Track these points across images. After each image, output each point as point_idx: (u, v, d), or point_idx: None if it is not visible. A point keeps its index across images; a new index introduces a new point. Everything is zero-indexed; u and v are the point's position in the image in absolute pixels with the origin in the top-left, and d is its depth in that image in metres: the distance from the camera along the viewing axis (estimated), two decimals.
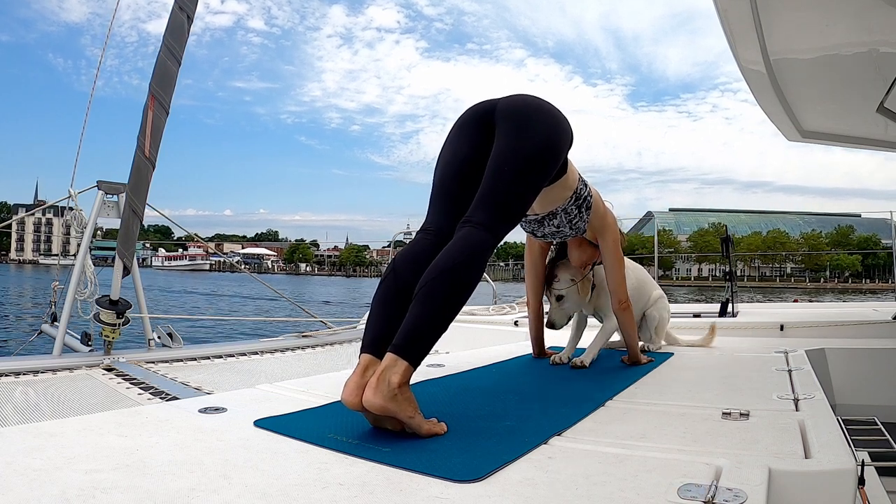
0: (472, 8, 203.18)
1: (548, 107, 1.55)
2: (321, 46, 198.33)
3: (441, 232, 1.43)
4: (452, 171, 1.52)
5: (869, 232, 68.15)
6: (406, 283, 1.30)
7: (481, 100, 1.63)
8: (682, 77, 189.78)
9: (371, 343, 1.27)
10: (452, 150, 1.56)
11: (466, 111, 1.62)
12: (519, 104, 1.53)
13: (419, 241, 1.44)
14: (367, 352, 1.26)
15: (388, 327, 1.25)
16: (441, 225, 1.45)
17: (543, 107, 1.54)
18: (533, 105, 1.53)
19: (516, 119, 1.48)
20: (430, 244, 1.40)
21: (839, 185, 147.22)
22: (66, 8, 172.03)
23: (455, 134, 1.58)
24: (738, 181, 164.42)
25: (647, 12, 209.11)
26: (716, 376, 1.90)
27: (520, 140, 1.45)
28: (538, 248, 2.30)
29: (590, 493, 0.85)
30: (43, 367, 2.94)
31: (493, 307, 4.89)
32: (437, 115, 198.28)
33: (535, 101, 1.55)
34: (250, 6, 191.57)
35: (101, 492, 0.82)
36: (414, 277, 1.28)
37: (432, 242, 1.41)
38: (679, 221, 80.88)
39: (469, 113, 1.60)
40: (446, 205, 1.49)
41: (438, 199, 1.52)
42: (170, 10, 3.40)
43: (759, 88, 2.85)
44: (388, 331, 1.24)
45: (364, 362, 1.23)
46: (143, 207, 3.48)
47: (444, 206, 1.50)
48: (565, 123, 1.56)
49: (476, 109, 1.59)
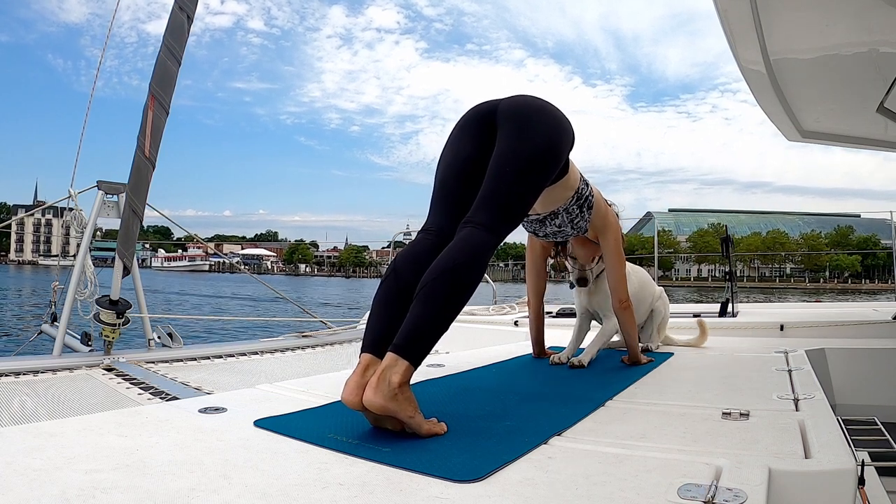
0: (472, 8, 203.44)
1: (549, 108, 1.55)
2: (321, 47, 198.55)
3: (442, 232, 1.43)
4: (454, 172, 1.52)
5: (868, 232, 68.22)
6: (407, 283, 1.30)
7: (483, 100, 1.62)
8: (681, 77, 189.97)
9: (372, 343, 1.26)
10: (454, 150, 1.56)
11: (468, 112, 1.61)
12: (521, 105, 1.53)
13: (420, 242, 1.44)
14: (367, 351, 1.26)
15: (389, 327, 1.25)
16: (442, 225, 1.45)
17: (545, 108, 1.54)
18: (534, 106, 1.53)
19: (518, 120, 1.48)
20: (431, 245, 1.40)
21: (839, 185, 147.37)
22: (66, 8, 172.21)
23: (456, 134, 1.58)
24: (738, 182, 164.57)
25: (646, 13, 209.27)
26: (716, 376, 1.90)
27: (521, 141, 1.45)
28: (539, 247, 2.31)
29: (590, 493, 0.85)
30: (43, 367, 2.93)
31: (493, 307, 4.90)
32: (436, 116, 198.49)
33: (537, 102, 1.55)
34: (250, 7, 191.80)
35: (101, 492, 0.82)
36: (415, 277, 1.28)
37: (433, 243, 1.41)
38: (678, 222, 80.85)
39: (471, 113, 1.60)
40: (447, 205, 1.49)
41: (440, 200, 1.51)
42: (169, 11, 3.40)
43: (759, 88, 2.85)
44: (388, 331, 1.24)
45: (364, 362, 1.23)
46: (143, 207, 3.48)
47: (445, 206, 1.50)
48: (567, 124, 1.56)
49: (478, 110, 1.59)
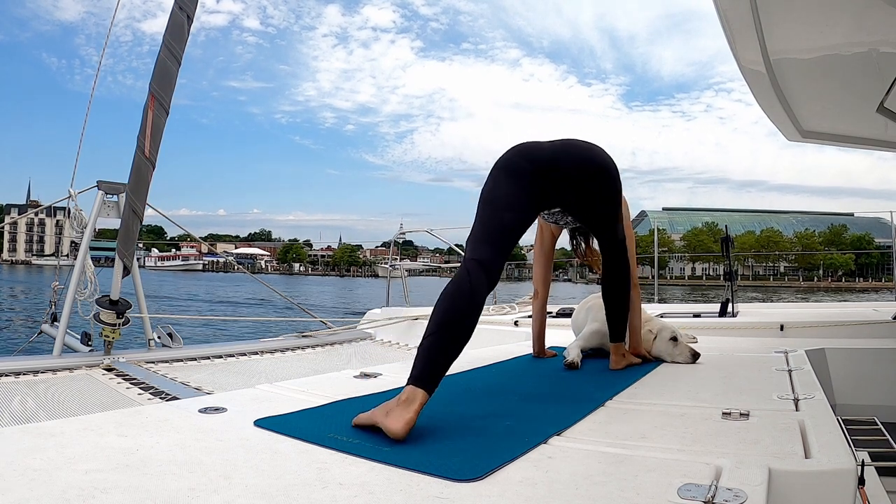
0: (468, 7, 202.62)
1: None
2: (316, 46, 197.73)
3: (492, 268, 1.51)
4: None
5: (862, 231, 68.45)
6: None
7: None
8: (676, 77, 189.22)
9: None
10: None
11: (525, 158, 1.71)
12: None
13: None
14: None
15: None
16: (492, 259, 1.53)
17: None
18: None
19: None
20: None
21: (832, 184, 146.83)
22: (61, 7, 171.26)
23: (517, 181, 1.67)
24: (732, 180, 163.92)
25: (642, 13, 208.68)
26: (716, 376, 1.90)
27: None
28: (550, 234, 2.29)
29: (590, 493, 0.85)
30: (43, 367, 2.93)
31: (493, 307, 4.90)
32: (431, 115, 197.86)
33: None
34: (246, 5, 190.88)
35: (101, 492, 0.82)
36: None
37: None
38: (673, 221, 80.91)
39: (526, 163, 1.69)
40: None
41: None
42: (165, 10, 3.40)
43: (759, 88, 2.85)
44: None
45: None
46: (144, 207, 3.47)
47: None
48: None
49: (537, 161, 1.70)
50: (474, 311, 1.37)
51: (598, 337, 2.25)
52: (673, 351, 2.15)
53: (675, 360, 2.14)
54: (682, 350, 2.15)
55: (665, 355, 2.16)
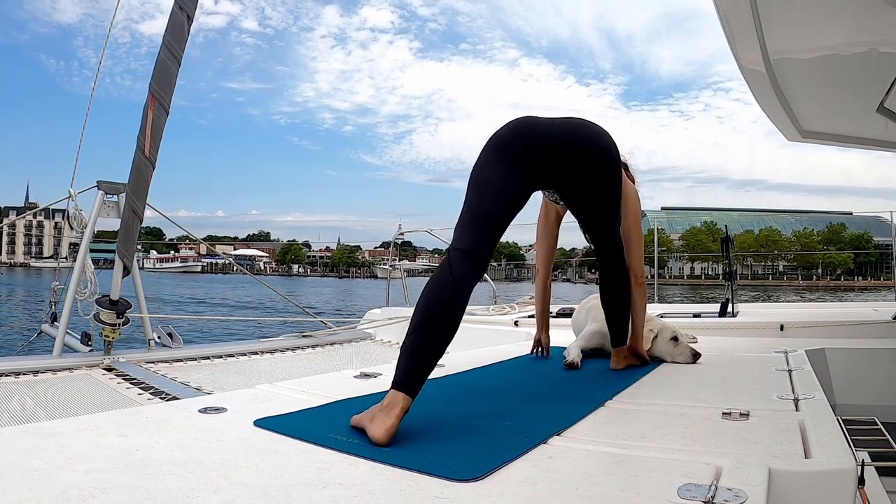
0: (467, 8, 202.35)
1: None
2: (315, 47, 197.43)
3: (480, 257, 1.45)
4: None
5: (860, 230, 68.45)
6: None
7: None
8: (674, 76, 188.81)
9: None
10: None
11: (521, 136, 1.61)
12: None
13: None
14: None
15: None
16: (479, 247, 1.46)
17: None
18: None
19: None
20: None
21: (831, 183, 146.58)
22: (59, 9, 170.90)
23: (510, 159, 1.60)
24: (731, 180, 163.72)
25: (641, 12, 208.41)
26: (716, 376, 1.90)
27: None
28: (554, 213, 2.26)
29: (590, 493, 0.85)
30: (43, 367, 2.93)
31: (493, 307, 4.90)
32: (429, 116, 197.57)
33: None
34: (244, 7, 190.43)
35: (101, 492, 0.82)
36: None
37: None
38: (671, 220, 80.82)
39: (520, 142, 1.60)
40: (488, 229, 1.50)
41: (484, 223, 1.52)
42: (164, 11, 3.41)
43: (759, 88, 2.85)
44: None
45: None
46: (144, 208, 3.47)
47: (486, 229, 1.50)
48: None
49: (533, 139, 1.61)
50: (459, 304, 1.30)
51: (598, 337, 2.25)
52: (673, 351, 2.15)
53: (676, 360, 2.14)
54: (682, 350, 2.15)
55: (665, 355, 2.16)
